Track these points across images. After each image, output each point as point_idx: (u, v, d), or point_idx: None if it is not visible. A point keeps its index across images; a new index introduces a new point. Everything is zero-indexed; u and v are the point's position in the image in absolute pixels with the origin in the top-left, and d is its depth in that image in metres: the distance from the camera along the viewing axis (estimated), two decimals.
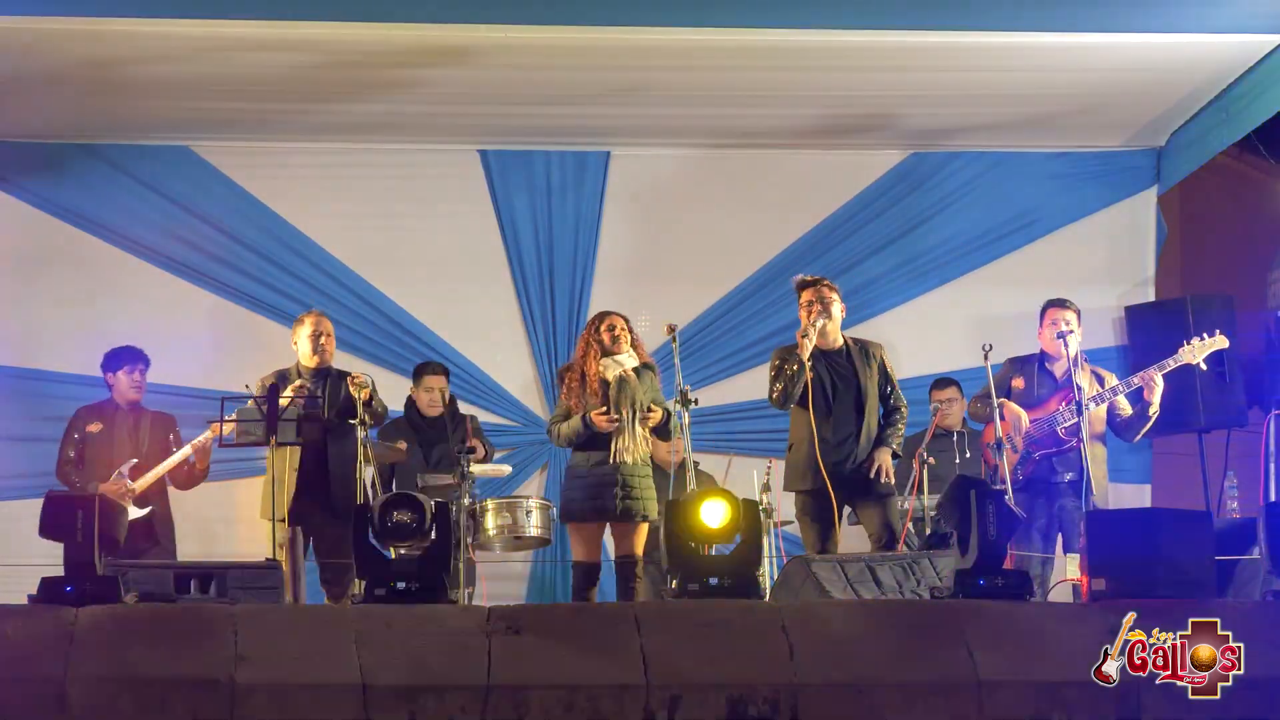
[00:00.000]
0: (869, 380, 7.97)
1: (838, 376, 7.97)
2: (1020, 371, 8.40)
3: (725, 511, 6.73)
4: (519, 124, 9.78)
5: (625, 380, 7.91)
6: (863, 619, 6.30)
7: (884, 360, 8.09)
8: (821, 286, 8.04)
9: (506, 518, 8.34)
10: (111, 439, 8.51)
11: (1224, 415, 9.33)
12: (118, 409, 8.61)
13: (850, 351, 8.04)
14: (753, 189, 10.22)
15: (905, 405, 8.09)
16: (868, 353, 8.06)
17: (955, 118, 9.78)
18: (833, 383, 7.94)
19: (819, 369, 7.93)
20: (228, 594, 6.62)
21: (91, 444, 8.52)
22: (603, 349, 7.97)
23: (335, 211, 10.03)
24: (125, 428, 8.55)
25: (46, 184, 9.82)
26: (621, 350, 7.97)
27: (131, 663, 5.82)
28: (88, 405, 8.71)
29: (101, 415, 8.61)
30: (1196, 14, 8.36)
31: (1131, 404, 8.38)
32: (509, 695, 5.83)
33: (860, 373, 7.97)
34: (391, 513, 6.60)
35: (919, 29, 8.50)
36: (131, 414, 8.60)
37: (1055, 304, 8.47)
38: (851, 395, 7.95)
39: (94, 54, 8.61)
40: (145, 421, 8.61)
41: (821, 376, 7.93)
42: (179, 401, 9.21)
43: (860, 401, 7.93)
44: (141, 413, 8.64)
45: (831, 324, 7.98)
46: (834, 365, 7.99)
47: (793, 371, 7.87)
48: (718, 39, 8.60)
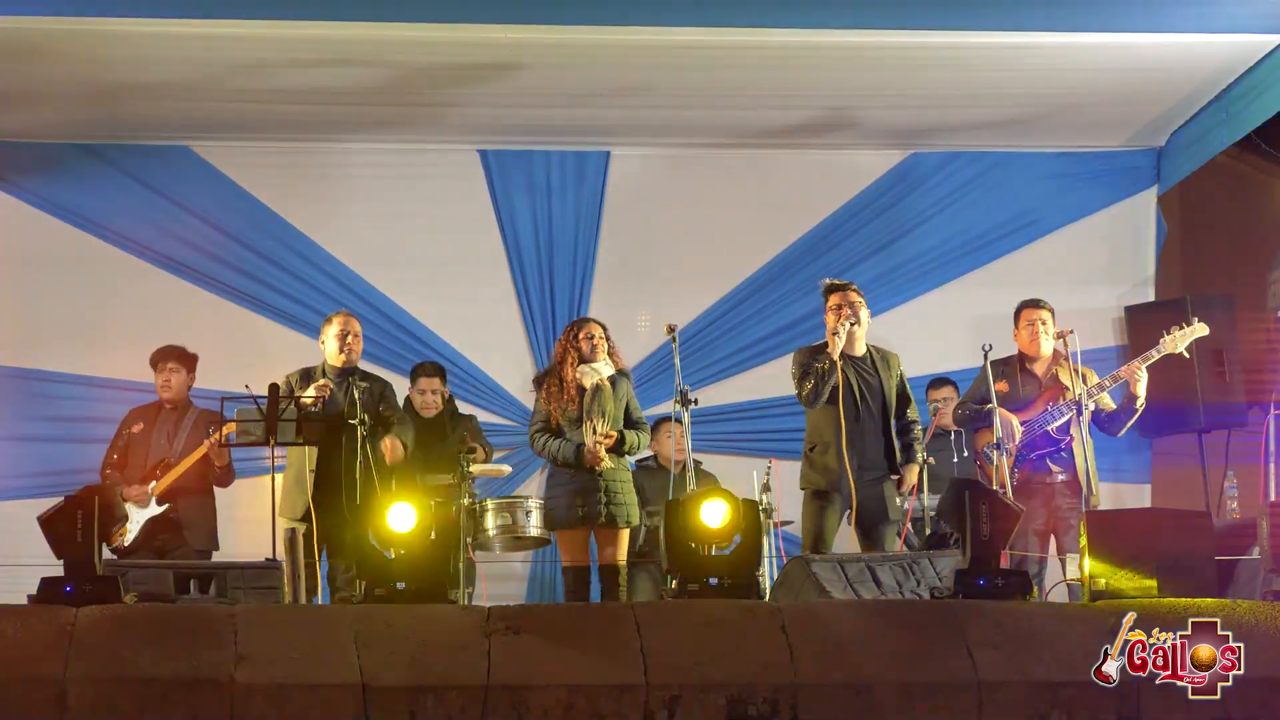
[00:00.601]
0: (890, 389, 8.02)
1: (865, 383, 7.99)
2: (1002, 374, 8.37)
3: (725, 511, 6.73)
4: (519, 124, 9.78)
5: (600, 389, 8.00)
6: (863, 619, 6.29)
7: (902, 372, 8.13)
8: (850, 291, 8.07)
9: (506, 518, 8.35)
10: (149, 438, 8.52)
11: (1224, 415, 9.33)
12: (161, 409, 8.62)
13: (874, 359, 8.07)
14: (753, 189, 10.23)
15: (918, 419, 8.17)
16: (888, 362, 8.10)
17: (955, 118, 9.78)
18: (860, 388, 7.96)
19: (847, 372, 7.95)
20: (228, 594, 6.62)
21: (133, 444, 8.53)
22: (580, 357, 8.03)
23: (335, 211, 10.03)
24: (165, 427, 8.55)
25: (46, 184, 9.83)
26: (598, 359, 8.06)
27: (131, 663, 5.82)
28: (137, 406, 8.74)
29: (145, 415, 8.63)
30: (1196, 14, 8.36)
31: (1115, 399, 8.38)
32: (509, 695, 5.83)
33: (885, 381, 8.01)
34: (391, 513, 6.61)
35: (919, 29, 8.51)
36: (175, 413, 8.59)
37: (1029, 304, 8.47)
38: (879, 402, 7.99)
39: (94, 54, 8.62)
40: (188, 420, 8.59)
41: (851, 380, 7.95)
42: None
43: (885, 409, 7.98)
44: (186, 411, 8.62)
45: (859, 329, 8.01)
46: (861, 370, 8.02)
47: (824, 369, 7.89)
48: (717, 39, 8.60)
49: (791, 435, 8.38)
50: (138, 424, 8.59)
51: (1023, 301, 8.51)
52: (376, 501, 6.96)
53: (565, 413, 7.99)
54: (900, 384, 8.11)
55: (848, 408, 7.88)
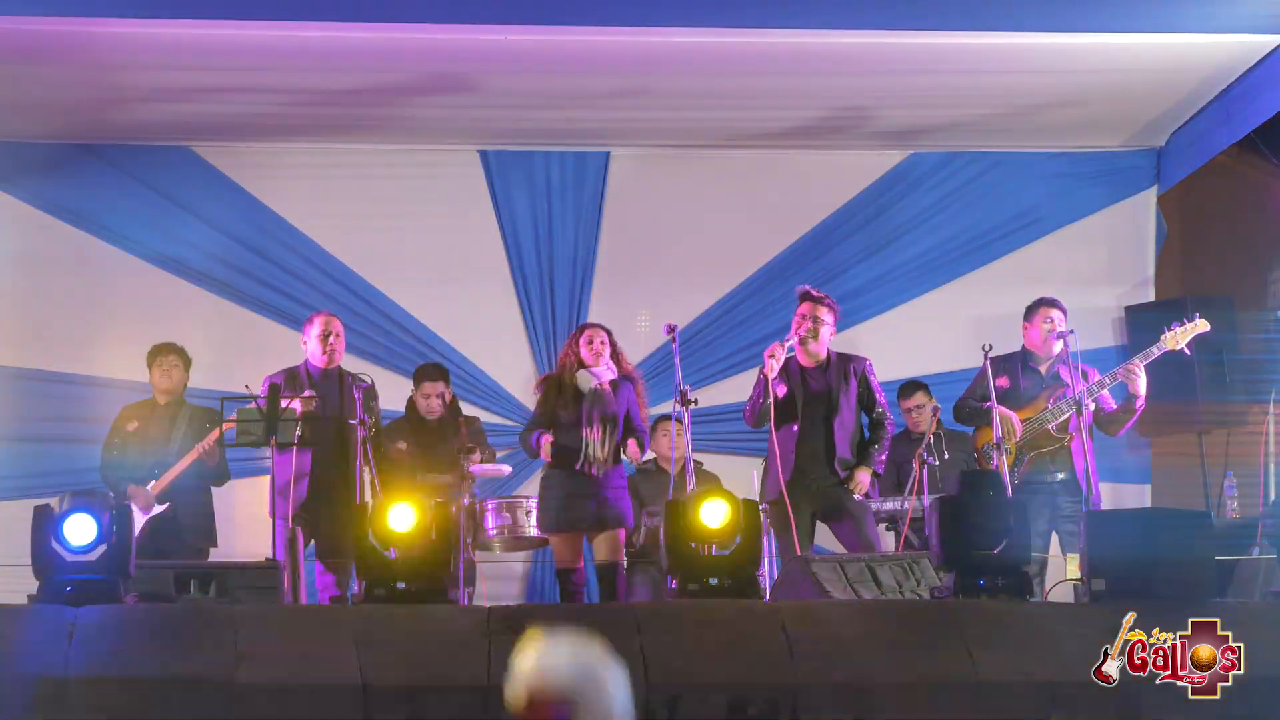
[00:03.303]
0: (843, 394, 8.02)
1: (808, 391, 8.03)
2: (1003, 370, 8.36)
3: (725, 511, 6.73)
4: (519, 125, 9.78)
5: (599, 393, 8.02)
6: (863, 619, 6.30)
7: (866, 374, 8.12)
8: (821, 306, 8.08)
9: (506, 518, 8.36)
10: (145, 436, 8.51)
11: (1224, 415, 9.33)
12: (155, 406, 8.61)
13: (831, 365, 8.09)
14: (752, 189, 10.22)
15: (889, 419, 8.19)
16: (848, 368, 8.10)
17: (955, 118, 9.78)
18: (804, 397, 8.00)
19: (792, 383, 8.01)
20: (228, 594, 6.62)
21: (131, 441, 8.51)
22: (581, 361, 8.09)
23: (336, 212, 10.03)
24: (160, 425, 8.53)
25: (46, 184, 9.83)
26: (599, 364, 8.08)
27: (131, 663, 5.82)
28: (130, 404, 8.73)
29: (139, 413, 8.60)
30: (1196, 14, 8.36)
31: (1116, 398, 8.37)
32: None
33: (835, 387, 8.02)
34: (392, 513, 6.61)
35: (919, 30, 8.50)
36: (169, 410, 8.57)
37: (1046, 302, 8.44)
38: (821, 409, 8.00)
39: (94, 54, 8.61)
40: (183, 417, 8.57)
41: (793, 390, 8.00)
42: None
43: (829, 415, 7.99)
44: (180, 409, 8.60)
45: (815, 344, 8.05)
46: (808, 379, 8.06)
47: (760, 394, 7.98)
48: (717, 41, 8.59)
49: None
50: (132, 422, 8.56)
51: (1040, 299, 8.47)
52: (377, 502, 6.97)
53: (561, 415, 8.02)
54: (864, 385, 8.11)
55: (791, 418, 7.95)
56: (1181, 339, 8.25)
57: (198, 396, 8.71)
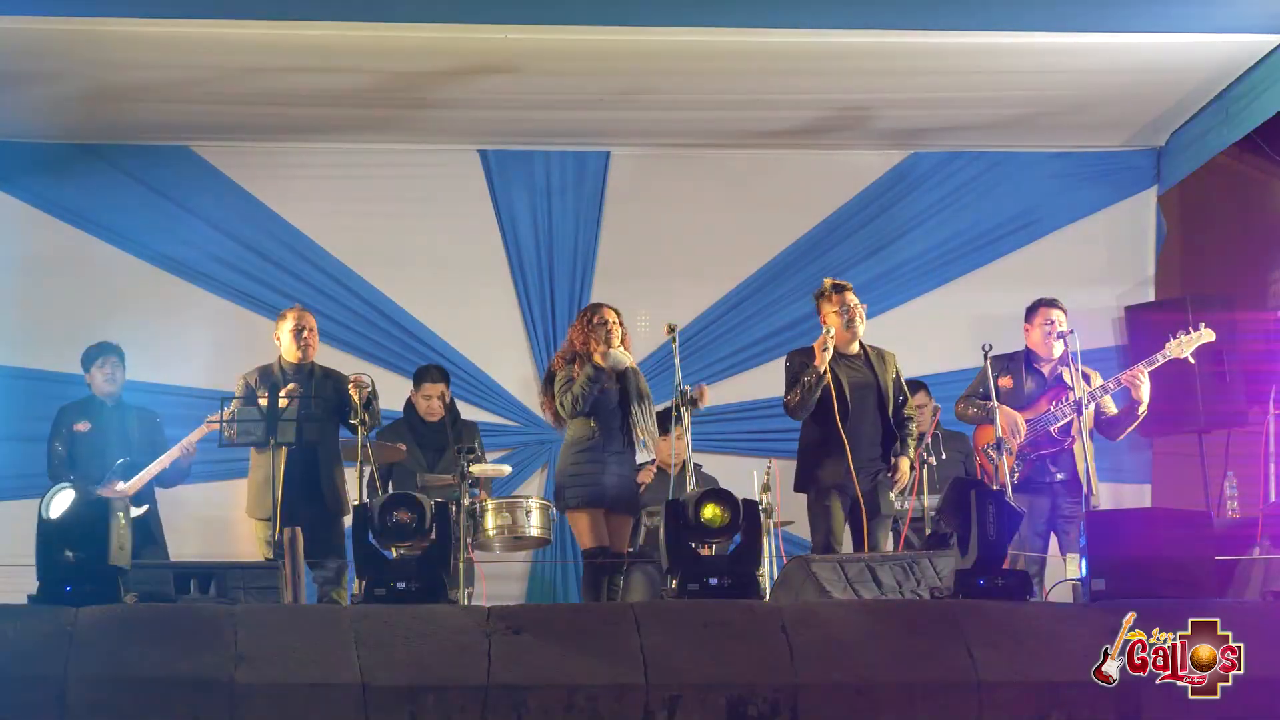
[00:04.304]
0: (888, 384, 8.03)
1: (856, 380, 7.99)
2: (1006, 370, 8.36)
3: (725, 511, 6.73)
4: (519, 125, 9.78)
5: (637, 373, 8.06)
6: (863, 619, 6.30)
7: (898, 369, 8.13)
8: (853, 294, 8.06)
9: (506, 518, 8.34)
10: (103, 438, 8.45)
11: (1224, 415, 9.33)
12: (103, 406, 8.56)
13: (869, 356, 8.07)
14: (752, 189, 10.22)
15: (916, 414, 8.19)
16: (883, 359, 8.10)
17: (955, 118, 9.78)
18: (850, 387, 7.96)
19: (837, 373, 7.97)
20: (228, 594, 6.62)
21: (81, 443, 8.45)
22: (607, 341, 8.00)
23: (335, 211, 10.03)
24: (114, 426, 8.49)
25: (46, 184, 9.83)
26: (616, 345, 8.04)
27: (131, 663, 5.82)
28: (71, 403, 8.63)
29: (87, 413, 8.52)
30: (1196, 14, 8.36)
31: (1118, 403, 8.36)
32: (508, 695, 5.83)
33: (881, 376, 8.02)
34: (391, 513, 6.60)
35: (919, 29, 8.50)
36: (118, 411, 8.54)
37: (1046, 303, 8.44)
38: (873, 397, 7.99)
39: (94, 54, 8.62)
40: (133, 419, 8.55)
41: (841, 379, 7.96)
42: (178, 401, 9.21)
43: (882, 403, 7.99)
44: (127, 410, 8.58)
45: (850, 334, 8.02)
46: (852, 369, 8.03)
47: (810, 382, 7.89)
48: (717, 40, 8.60)
49: (791, 435, 8.37)
50: (80, 422, 8.46)
51: (1040, 299, 8.47)
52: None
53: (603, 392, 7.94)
54: (896, 380, 8.11)
55: (840, 407, 7.90)
56: (1186, 347, 8.24)
57: (198, 396, 8.71)
